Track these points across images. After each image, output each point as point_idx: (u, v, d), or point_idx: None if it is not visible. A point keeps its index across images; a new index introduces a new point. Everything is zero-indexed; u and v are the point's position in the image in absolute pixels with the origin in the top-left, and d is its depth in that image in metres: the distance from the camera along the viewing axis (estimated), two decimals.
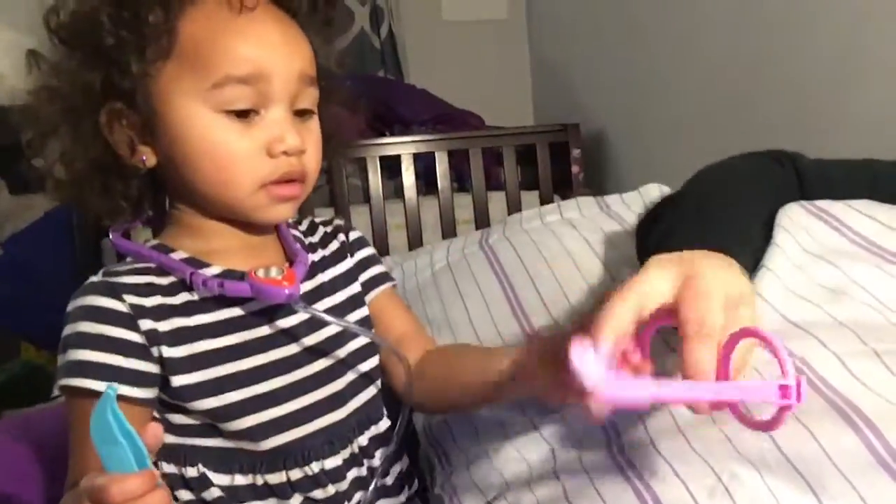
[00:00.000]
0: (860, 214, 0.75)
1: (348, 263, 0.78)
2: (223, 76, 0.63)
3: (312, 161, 0.69)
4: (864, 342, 0.61)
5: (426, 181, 1.96)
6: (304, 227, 0.79)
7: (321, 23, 0.73)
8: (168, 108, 0.65)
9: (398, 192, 1.89)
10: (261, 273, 0.66)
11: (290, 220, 0.77)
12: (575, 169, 1.95)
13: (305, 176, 0.68)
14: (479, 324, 0.87)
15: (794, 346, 0.62)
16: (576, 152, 1.93)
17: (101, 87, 0.65)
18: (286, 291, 0.65)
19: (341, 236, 0.80)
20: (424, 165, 1.90)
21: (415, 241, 1.81)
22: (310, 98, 0.69)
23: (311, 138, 0.69)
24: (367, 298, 0.78)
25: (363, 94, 0.81)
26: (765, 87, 1.52)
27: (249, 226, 0.70)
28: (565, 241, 0.94)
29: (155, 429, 0.52)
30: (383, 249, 1.81)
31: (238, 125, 0.65)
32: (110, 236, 0.71)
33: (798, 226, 0.75)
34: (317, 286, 0.74)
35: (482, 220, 1.84)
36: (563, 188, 1.94)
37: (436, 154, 1.84)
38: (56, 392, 1.67)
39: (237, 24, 0.65)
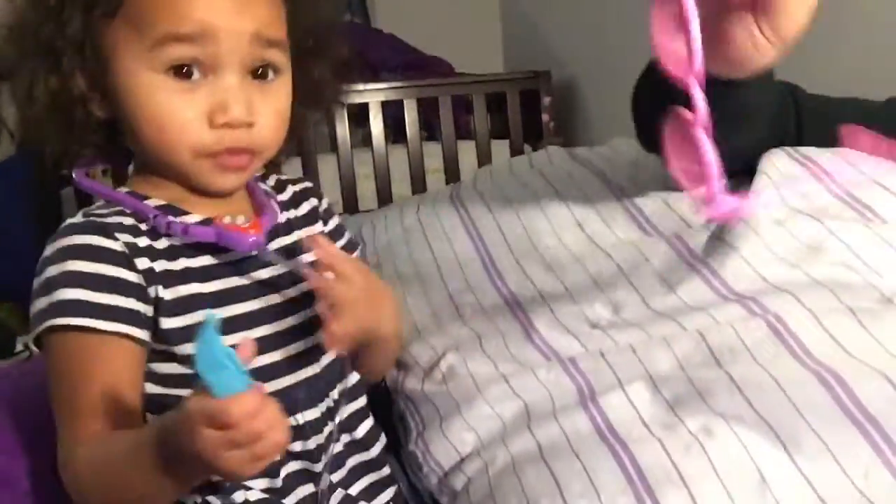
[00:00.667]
0: (845, 164, 0.75)
1: (321, 228, 0.76)
2: (164, 33, 0.60)
3: (265, 133, 0.65)
4: (840, 300, 0.61)
5: (395, 130, 1.93)
6: (271, 182, 0.77)
7: None
8: (114, 66, 0.63)
9: (366, 141, 1.86)
10: (227, 220, 0.64)
11: (255, 175, 0.74)
12: (545, 117, 1.94)
13: (254, 149, 0.65)
14: (451, 280, 0.86)
15: (769, 304, 0.62)
16: (546, 100, 1.91)
17: (56, 37, 0.62)
18: (251, 239, 0.64)
19: (313, 200, 0.77)
20: (393, 113, 1.86)
21: (383, 191, 1.79)
22: (271, 60, 0.65)
23: (267, 106, 0.65)
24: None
25: (353, 49, 0.77)
26: None
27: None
28: (535, 192, 0.93)
29: (248, 344, 0.51)
30: (351, 199, 1.78)
31: (181, 87, 0.61)
32: (73, 174, 0.70)
33: (781, 174, 0.75)
34: (293, 242, 0.72)
35: (452, 170, 1.82)
36: (533, 137, 1.92)
37: (404, 102, 1.81)
38: (20, 347, 1.62)
39: None
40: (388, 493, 0.73)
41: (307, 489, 0.67)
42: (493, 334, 0.75)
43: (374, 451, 0.73)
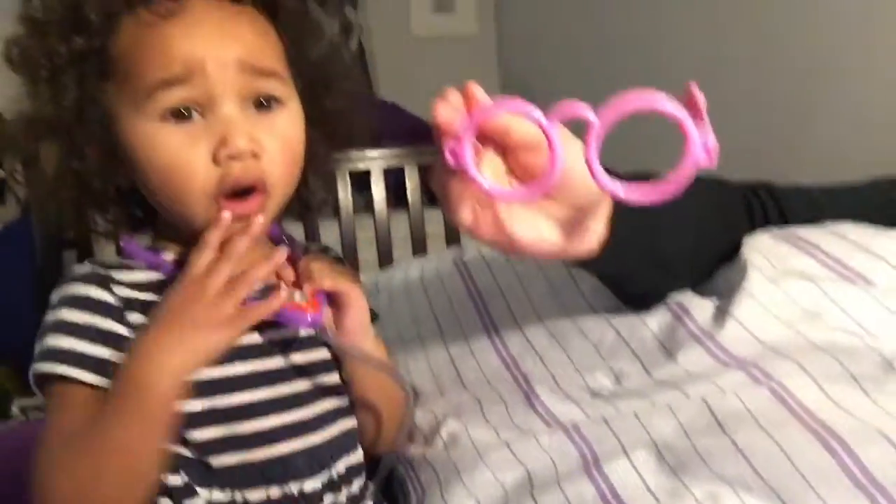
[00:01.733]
0: (830, 234, 0.76)
1: None
2: (153, 81, 0.60)
3: (275, 163, 0.63)
4: (842, 365, 0.61)
5: (396, 195, 1.95)
6: (299, 251, 0.74)
7: (294, 3, 0.68)
8: (117, 127, 0.63)
9: (368, 207, 1.88)
10: (283, 294, 0.62)
11: (299, 247, 0.73)
12: None
13: (265, 182, 0.62)
14: (452, 344, 0.86)
15: (772, 370, 0.62)
16: None
17: (59, 115, 0.64)
18: (309, 318, 0.63)
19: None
20: (395, 179, 1.88)
21: (385, 256, 1.80)
22: (268, 91, 0.63)
23: (273, 136, 0.62)
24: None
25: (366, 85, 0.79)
26: (733, 109, 1.54)
27: None
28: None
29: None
30: (353, 265, 1.79)
31: (181, 131, 0.61)
32: (121, 243, 0.70)
33: (768, 250, 0.75)
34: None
35: (453, 235, 1.83)
36: None
37: (406, 168, 1.83)
38: (16, 410, 1.62)
39: (164, 26, 0.62)
40: None
41: None
42: (495, 401, 0.74)
43: None
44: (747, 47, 1.48)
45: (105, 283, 0.63)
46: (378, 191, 1.80)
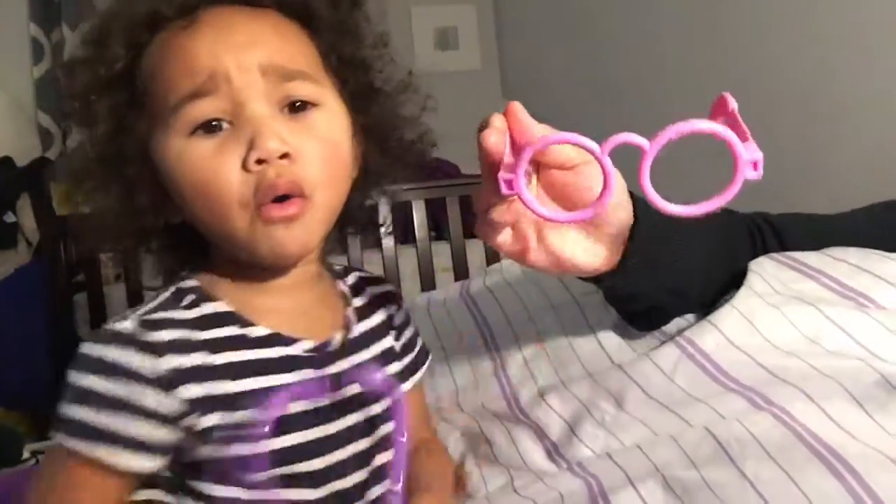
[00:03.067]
0: (831, 259, 0.76)
1: (390, 344, 0.71)
2: (181, 95, 0.58)
3: (313, 165, 0.58)
4: (845, 388, 0.61)
5: (404, 230, 1.96)
6: (350, 280, 0.72)
7: (328, 8, 0.65)
8: (153, 154, 0.61)
9: (376, 242, 1.89)
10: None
11: (336, 269, 0.71)
12: None
13: (301, 186, 0.58)
14: (457, 369, 0.86)
15: (774, 396, 0.62)
16: None
17: (103, 151, 0.62)
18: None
19: (391, 307, 0.72)
20: (402, 214, 1.90)
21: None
22: (299, 94, 0.60)
23: (308, 137, 0.59)
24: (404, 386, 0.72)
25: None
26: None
27: (293, 285, 0.64)
28: (544, 286, 0.93)
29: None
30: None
31: (211, 143, 0.58)
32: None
33: (770, 275, 0.75)
34: (360, 363, 0.67)
35: (461, 269, 1.84)
36: None
37: (412, 203, 1.84)
38: (27, 455, 1.61)
39: (184, 39, 0.60)
40: None
41: None
42: (505, 440, 0.74)
43: None
44: (751, 79, 1.50)
45: (152, 349, 0.57)
46: (385, 226, 1.82)
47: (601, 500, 0.60)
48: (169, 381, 0.57)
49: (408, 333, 0.74)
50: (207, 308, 0.61)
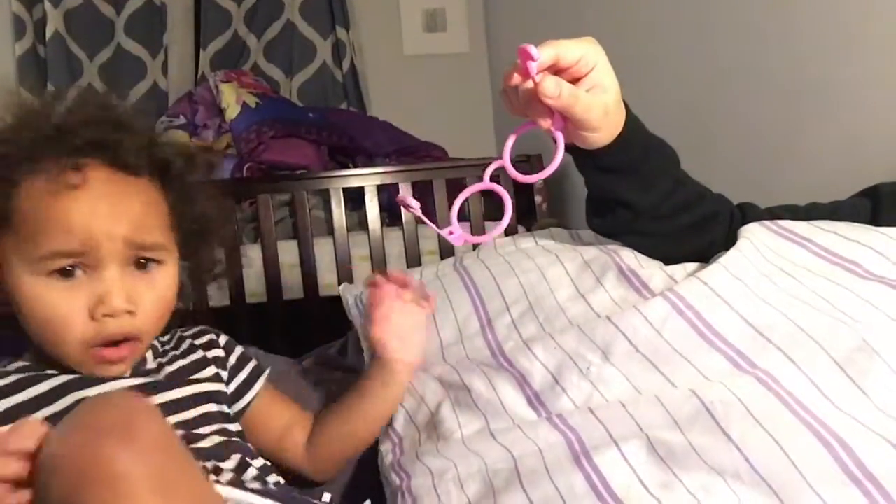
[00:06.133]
0: (821, 230, 0.77)
1: (219, 354, 0.82)
2: (49, 251, 0.66)
3: (148, 316, 0.70)
4: (829, 354, 0.61)
5: (390, 213, 1.95)
6: (166, 338, 0.81)
7: (181, 171, 0.74)
8: (6, 269, 0.68)
9: (362, 224, 1.88)
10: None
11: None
12: (538, 199, 1.97)
13: (137, 335, 0.69)
14: (444, 327, 0.87)
15: (759, 360, 0.63)
16: (539, 183, 1.95)
17: None
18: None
19: (210, 335, 0.83)
20: (388, 197, 1.89)
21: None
22: (150, 255, 0.70)
23: (149, 294, 0.70)
24: (244, 403, 0.82)
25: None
26: (722, 127, 1.56)
27: None
28: (538, 260, 0.94)
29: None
30: (348, 282, 1.78)
31: (63, 286, 0.66)
32: None
33: (761, 242, 0.76)
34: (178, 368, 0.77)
35: (446, 251, 1.84)
36: (527, 218, 1.95)
37: (399, 185, 1.84)
38: None
39: (65, 199, 0.66)
40: None
41: None
42: (485, 386, 0.74)
43: None
44: (736, 68, 1.50)
45: None
46: (372, 208, 1.82)
47: (583, 457, 0.60)
48: None
49: (237, 352, 0.85)
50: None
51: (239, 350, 0.85)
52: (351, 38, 2.57)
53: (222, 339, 0.84)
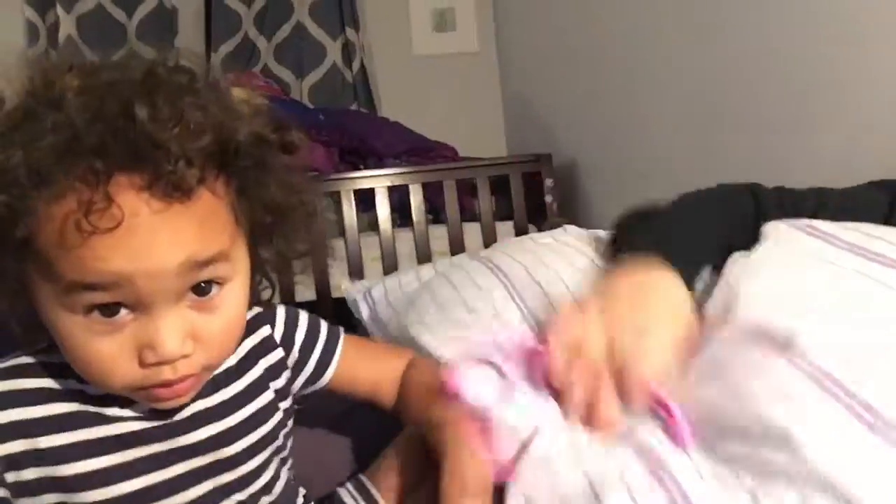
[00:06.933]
0: (844, 228, 0.77)
1: (280, 356, 0.71)
2: (69, 282, 0.52)
3: (212, 350, 0.58)
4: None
5: (401, 213, 1.96)
6: None
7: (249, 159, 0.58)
8: (37, 302, 0.56)
9: (373, 225, 1.89)
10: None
11: None
12: (549, 198, 1.97)
13: (198, 373, 0.58)
14: (483, 316, 0.87)
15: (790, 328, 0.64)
16: (549, 182, 1.95)
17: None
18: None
19: (264, 330, 0.70)
20: (399, 198, 1.90)
21: (390, 273, 1.81)
22: (209, 277, 0.56)
23: (211, 325, 0.57)
24: (329, 373, 0.74)
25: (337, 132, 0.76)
26: (731, 121, 1.55)
27: None
28: (560, 252, 0.95)
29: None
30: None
31: (104, 328, 0.54)
32: None
33: (786, 237, 0.77)
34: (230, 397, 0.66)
35: (457, 251, 1.84)
36: (537, 218, 1.95)
37: (410, 186, 1.85)
38: None
39: (94, 248, 0.51)
40: None
41: None
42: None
43: None
44: (745, 62, 1.50)
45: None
46: (383, 209, 1.82)
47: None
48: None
49: (300, 335, 0.73)
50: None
51: (302, 332, 0.72)
52: (360, 39, 2.58)
53: (278, 330, 0.71)
